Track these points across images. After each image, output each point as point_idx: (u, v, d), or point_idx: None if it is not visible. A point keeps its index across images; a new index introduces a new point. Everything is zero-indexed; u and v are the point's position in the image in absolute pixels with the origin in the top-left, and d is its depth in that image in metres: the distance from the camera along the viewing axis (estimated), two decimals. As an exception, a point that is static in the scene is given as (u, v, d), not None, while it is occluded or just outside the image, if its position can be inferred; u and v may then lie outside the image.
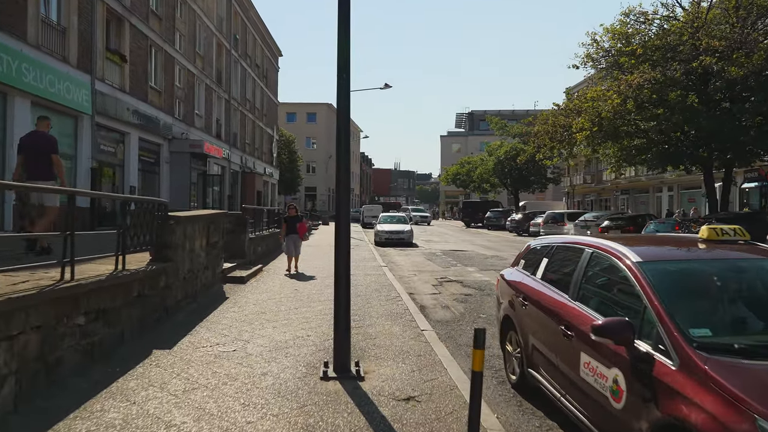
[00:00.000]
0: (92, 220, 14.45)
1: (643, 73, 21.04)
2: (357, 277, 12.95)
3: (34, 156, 7.21)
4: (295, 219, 13.57)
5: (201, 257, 8.89)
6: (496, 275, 15.25)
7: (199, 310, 8.19)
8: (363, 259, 17.35)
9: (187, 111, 26.11)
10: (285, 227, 13.44)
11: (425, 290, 11.68)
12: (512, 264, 5.94)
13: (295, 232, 13.28)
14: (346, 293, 5.37)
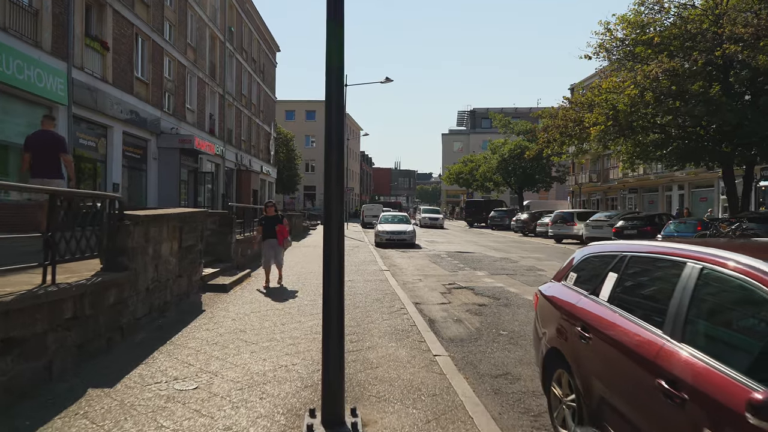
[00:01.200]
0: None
1: (662, 63, 19.71)
2: (356, 283, 11.60)
3: (41, 154, 7.39)
4: (274, 220, 10.78)
5: (171, 264, 7.54)
6: (508, 280, 14.07)
7: (166, 327, 6.84)
8: (363, 262, 16.00)
9: (177, 105, 24.75)
10: (261, 230, 10.81)
11: (433, 299, 10.33)
12: (556, 277, 4.58)
13: (274, 236, 10.64)
14: (338, 323, 4.00)
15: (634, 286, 3.40)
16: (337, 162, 3.77)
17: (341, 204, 3.94)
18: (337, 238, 3.93)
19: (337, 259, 3.92)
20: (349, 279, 12.17)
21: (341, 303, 3.98)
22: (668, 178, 39.01)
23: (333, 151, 3.83)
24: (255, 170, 39.03)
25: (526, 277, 13.76)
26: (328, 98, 3.73)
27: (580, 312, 3.66)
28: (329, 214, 3.90)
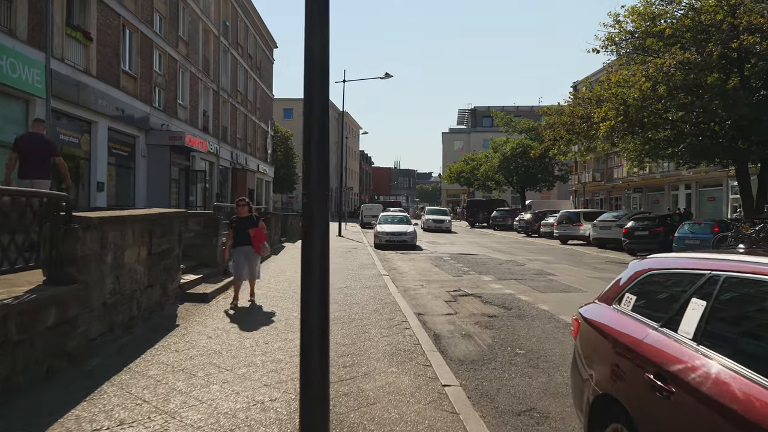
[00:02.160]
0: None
1: (675, 55, 18.74)
2: (353, 290, 10.61)
3: (29, 156, 7.51)
4: (248, 222, 8.75)
5: (138, 272, 6.56)
6: (518, 286, 13.01)
7: (128, 349, 5.85)
8: (361, 266, 15.01)
9: (168, 100, 23.76)
10: (231, 235, 8.78)
11: (437, 309, 9.34)
12: (603, 298, 3.58)
13: (248, 243, 8.63)
14: (321, 355, 2.97)
15: (739, 322, 2.42)
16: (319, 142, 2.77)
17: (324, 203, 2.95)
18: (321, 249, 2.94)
19: (319, 277, 2.92)
20: (345, 285, 11.18)
21: (324, 333, 2.98)
22: (674, 177, 38.03)
23: (314, 128, 2.84)
24: (251, 169, 38.06)
25: (536, 282, 12.78)
26: (308, 52, 2.74)
27: (650, 352, 2.67)
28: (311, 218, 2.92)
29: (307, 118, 2.96)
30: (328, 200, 2.97)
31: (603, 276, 14.19)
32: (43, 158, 7.65)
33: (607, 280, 14.15)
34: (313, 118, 2.93)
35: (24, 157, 7.55)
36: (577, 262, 17.81)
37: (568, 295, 11.02)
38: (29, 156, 7.54)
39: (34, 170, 7.53)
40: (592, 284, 12.62)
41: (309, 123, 2.94)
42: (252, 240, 8.68)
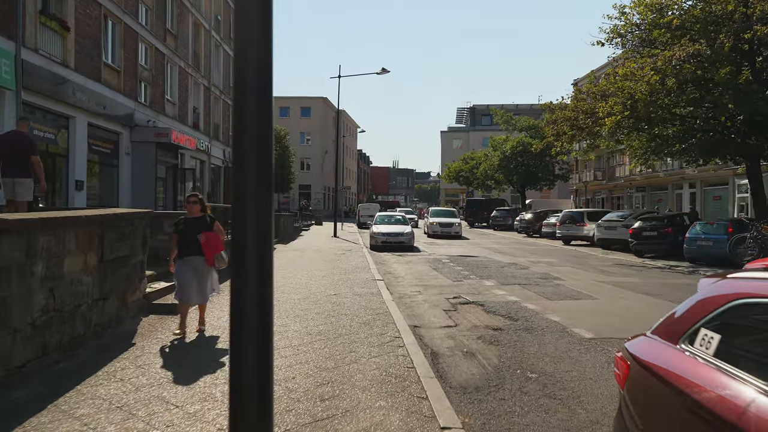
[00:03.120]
0: None
1: (685, 46, 17.81)
2: (342, 298, 9.65)
3: (10, 155, 7.54)
4: (199, 224, 6.71)
5: (85, 284, 5.60)
6: (523, 292, 11.77)
7: (63, 377, 4.87)
8: (354, 270, 14.05)
9: (155, 96, 22.78)
10: (176, 241, 6.64)
11: (435, 320, 8.38)
12: (662, 331, 2.61)
13: (198, 252, 6.62)
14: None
15: None
16: (261, 97, 1.79)
17: (268, 198, 1.96)
18: (258, 288, 1.92)
19: (257, 322, 1.94)
20: (334, 293, 10.22)
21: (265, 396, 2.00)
22: (678, 175, 37.17)
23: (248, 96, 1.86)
24: (245, 168, 37.05)
25: (542, 287, 11.83)
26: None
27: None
28: (242, 230, 1.92)
29: (238, 75, 1.98)
30: (270, 203, 1.98)
31: (612, 280, 13.26)
32: (22, 157, 7.66)
33: (617, 284, 13.34)
34: (245, 74, 1.95)
35: (6, 156, 7.60)
36: (583, 265, 16.87)
37: (579, 302, 10.08)
38: (11, 155, 7.58)
39: (15, 169, 7.59)
40: (602, 290, 11.68)
41: (240, 81, 1.96)
42: (203, 248, 6.59)
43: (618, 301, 10.39)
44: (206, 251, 6.66)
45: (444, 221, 29.60)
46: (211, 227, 6.89)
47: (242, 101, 1.68)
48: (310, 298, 9.49)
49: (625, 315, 8.93)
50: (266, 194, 1.86)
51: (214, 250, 6.75)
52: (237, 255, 1.83)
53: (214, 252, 6.75)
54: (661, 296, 10.97)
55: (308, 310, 8.39)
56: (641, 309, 9.55)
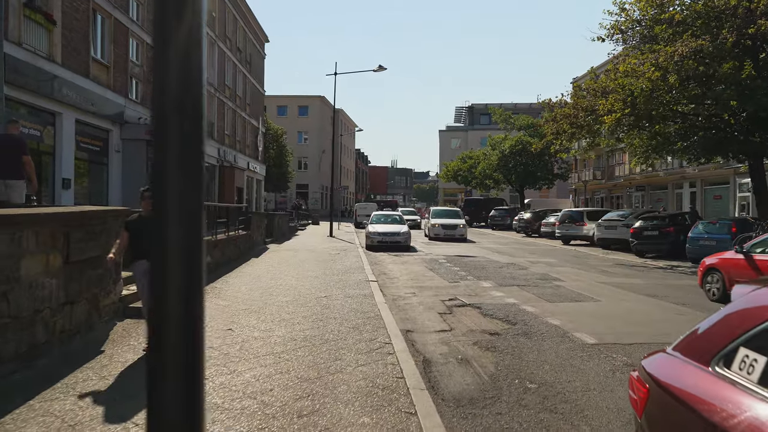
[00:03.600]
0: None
1: (687, 42, 17.43)
2: (333, 300, 9.22)
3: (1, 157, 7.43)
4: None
5: (47, 287, 5.18)
6: (521, 294, 10.83)
7: (15, 390, 4.44)
8: (347, 270, 13.62)
9: (147, 92, 22.30)
10: (125, 240, 5.72)
11: (429, 324, 7.96)
12: (687, 349, 2.18)
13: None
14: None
15: None
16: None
17: (198, 192, 1.52)
18: (187, 287, 1.48)
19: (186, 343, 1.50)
20: (325, 295, 9.79)
21: None
22: (678, 174, 36.81)
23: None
24: (240, 167, 36.61)
25: (541, 289, 11.41)
26: None
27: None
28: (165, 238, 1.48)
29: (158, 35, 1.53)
30: (200, 201, 1.54)
31: (613, 281, 12.85)
32: (16, 159, 7.59)
33: (618, 285, 12.92)
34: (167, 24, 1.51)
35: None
36: (583, 265, 16.47)
37: (580, 305, 9.66)
38: (2, 157, 7.50)
39: (6, 171, 7.50)
40: (604, 291, 11.27)
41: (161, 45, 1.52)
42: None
43: (620, 303, 9.98)
44: None
45: (447, 222, 26.63)
46: None
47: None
48: (298, 301, 9.07)
49: (629, 318, 8.52)
50: (195, 189, 1.43)
51: None
52: (156, 264, 1.39)
53: None
54: (665, 298, 10.57)
55: (295, 314, 7.96)
56: (645, 311, 9.14)
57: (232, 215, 14.93)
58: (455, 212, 30.10)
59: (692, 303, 9.99)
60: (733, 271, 10.10)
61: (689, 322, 8.29)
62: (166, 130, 1.38)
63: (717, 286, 10.51)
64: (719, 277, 10.47)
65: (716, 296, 10.46)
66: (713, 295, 10.57)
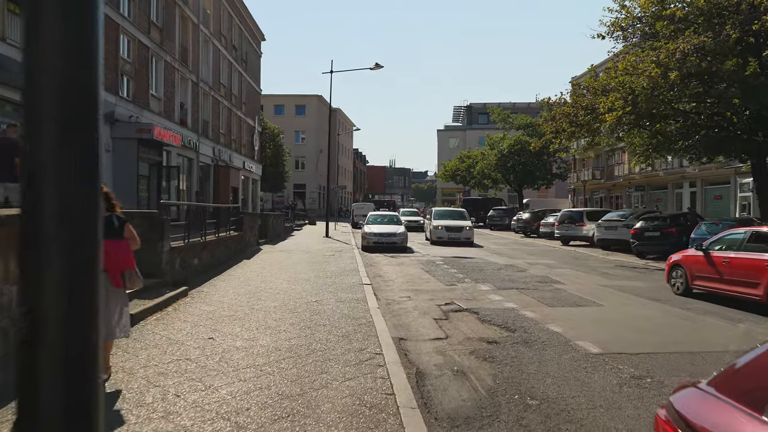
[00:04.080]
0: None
1: (689, 38, 17.07)
2: (324, 305, 8.81)
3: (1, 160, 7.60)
4: (105, 227, 1.85)
5: (5, 294, 4.77)
6: (521, 297, 10.23)
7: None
8: (341, 273, 13.21)
9: (138, 90, 21.88)
10: None
11: (424, 330, 7.55)
12: (726, 387, 1.78)
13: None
14: None
15: None
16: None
17: (92, 213, 1.10)
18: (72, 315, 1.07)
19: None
20: (316, 299, 9.38)
21: None
22: (678, 174, 36.48)
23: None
24: (236, 166, 36.19)
25: (540, 292, 11.02)
26: None
27: None
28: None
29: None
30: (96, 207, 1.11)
31: (615, 284, 12.46)
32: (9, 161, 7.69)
33: (620, 288, 12.45)
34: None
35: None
36: (584, 267, 16.09)
37: (582, 310, 9.27)
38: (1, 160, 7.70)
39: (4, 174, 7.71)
40: (606, 295, 10.88)
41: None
42: (105, 261, 3.84)
43: (624, 308, 9.59)
44: (108, 265, 4.64)
45: (452, 224, 24.04)
46: (120, 233, 4.96)
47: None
48: (287, 306, 8.66)
49: (634, 324, 8.12)
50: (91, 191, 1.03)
51: (122, 264, 4.86)
52: (30, 279, 1.01)
53: (120, 267, 4.84)
54: (669, 302, 10.19)
55: (282, 320, 7.55)
56: (649, 317, 8.75)
57: (222, 216, 14.50)
58: (460, 213, 27.11)
59: (696, 308, 9.61)
60: (693, 267, 10.85)
61: (696, 329, 7.91)
62: (39, 113, 1.02)
63: (680, 281, 11.15)
64: (682, 272, 11.12)
65: (680, 290, 11.09)
66: (677, 290, 11.18)
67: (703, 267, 10.49)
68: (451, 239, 23.41)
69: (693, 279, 10.80)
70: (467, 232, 23.81)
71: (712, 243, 10.91)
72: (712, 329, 8.00)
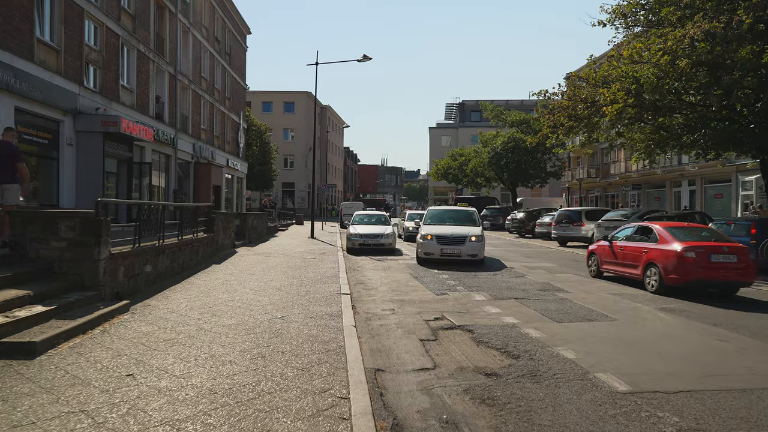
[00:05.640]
0: None
1: (699, 23, 15.81)
2: (290, 323, 7.39)
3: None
4: None
5: None
6: (521, 310, 8.34)
7: None
8: (319, 280, 11.77)
9: (107, 81, 20.30)
10: None
11: (407, 357, 6.15)
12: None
13: None
14: None
15: None
16: None
17: None
18: None
19: None
20: (281, 315, 7.95)
21: None
22: (677, 172, 35.35)
23: None
24: (218, 164, 34.65)
25: (543, 303, 9.66)
26: None
27: None
28: None
29: None
30: None
31: (624, 292, 11.12)
32: (8, 164, 8.11)
33: (631, 297, 10.29)
34: None
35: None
36: (586, 271, 14.72)
37: (594, 326, 7.90)
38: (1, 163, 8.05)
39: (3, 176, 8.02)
40: (618, 306, 9.52)
41: None
42: None
43: (641, 323, 8.24)
44: None
45: (450, 233, 15.73)
46: None
47: None
48: (245, 324, 7.23)
49: (658, 347, 6.76)
50: None
51: None
52: None
53: None
54: (691, 315, 8.84)
55: (232, 346, 6.12)
56: (676, 336, 7.40)
57: (188, 215, 13.01)
58: (467, 215, 18.73)
59: (725, 323, 8.27)
60: (602, 254, 13.44)
61: (738, 353, 6.53)
62: None
63: (594, 267, 13.80)
64: (595, 259, 13.77)
65: (594, 273, 13.75)
66: (592, 273, 13.84)
67: (608, 254, 13.10)
68: (447, 256, 15.25)
69: (602, 264, 13.40)
70: (473, 246, 15.34)
71: (615, 236, 13.38)
72: (755, 353, 6.64)
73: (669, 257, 10.77)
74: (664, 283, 10.80)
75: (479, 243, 15.68)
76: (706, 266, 10.38)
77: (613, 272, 12.88)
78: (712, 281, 10.56)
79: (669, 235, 11.29)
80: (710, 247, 10.69)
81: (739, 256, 10.55)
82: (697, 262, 10.39)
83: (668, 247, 10.95)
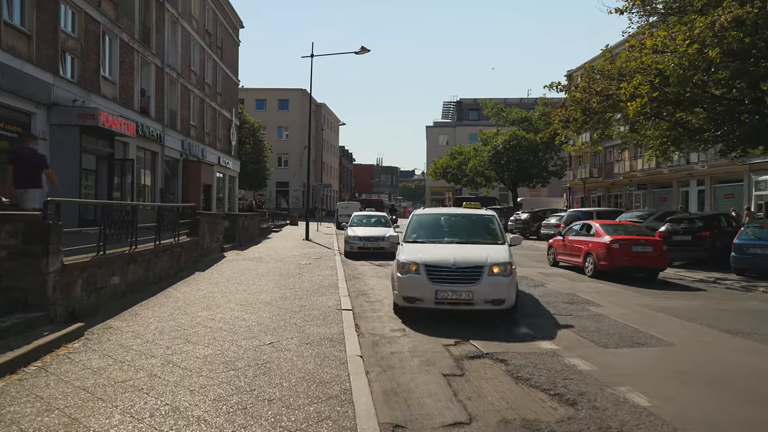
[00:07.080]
0: None
1: (730, 8, 14.51)
2: (281, 352, 5.97)
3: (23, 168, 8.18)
4: None
5: None
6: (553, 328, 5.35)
7: None
8: (315, 290, 10.35)
9: (86, 71, 18.79)
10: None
11: (431, 404, 4.74)
12: None
13: None
14: None
15: None
16: None
17: None
18: None
19: None
20: (271, 340, 6.52)
21: None
22: (685, 171, 34.13)
23: None
24: (209, 162, 33.13)
25: (578, 320, 8.29)
26: None
27: None
28: None
29: None
30: None
31: (663, 306, 9.76)
32: (34, 170, 8.30)
33: (674, 313, 8.54)
34: None
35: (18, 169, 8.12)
36: (608, 277, 13.37)
37: (649, 353, 6.53)
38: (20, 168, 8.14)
39: (25, 181, 8.19)
40: (664, 324, 8.15)
41: None
42: None
43: (702, 348, 6.87)
44: None
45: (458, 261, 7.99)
46: None
47: None
48: (225, 355, 5.81)
49: (742, 384, 5.39)
50: None
51: None
52: None
53: None
54: (755, 336, 7.49)
55: (205, 391, 4.70)
56: (753, 368, 6.02)
57: (169, 217, 11.55)
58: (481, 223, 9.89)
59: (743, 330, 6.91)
60: (558, 248, 15.91)
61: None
62: None
63: (551, 257, 16.28)
64: (552, 251, 16.29)
65: (551, 263, 16.16)
66: (550, 262, 16.29)
67: (561, 247, 15.58)
68: (447, 305, 7.94)
69: (557, 255, 15.83)
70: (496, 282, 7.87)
71: (567, 231, 15.91)
72: None
73: (600, 248, 13.23)
74: (597, 269, 13.23)
75: (507, 278, 7.99)
76: (629, 255, 12.81)
77: (565, 261, 15.33)
78: (633, 267, 12.89)
79: (602, 231, 13.80)
80: (632, 239, 13.09)
81: (654, 247, 13.13)
82: (621, 252, 12.82)
83: (600, 240, 13.42)
